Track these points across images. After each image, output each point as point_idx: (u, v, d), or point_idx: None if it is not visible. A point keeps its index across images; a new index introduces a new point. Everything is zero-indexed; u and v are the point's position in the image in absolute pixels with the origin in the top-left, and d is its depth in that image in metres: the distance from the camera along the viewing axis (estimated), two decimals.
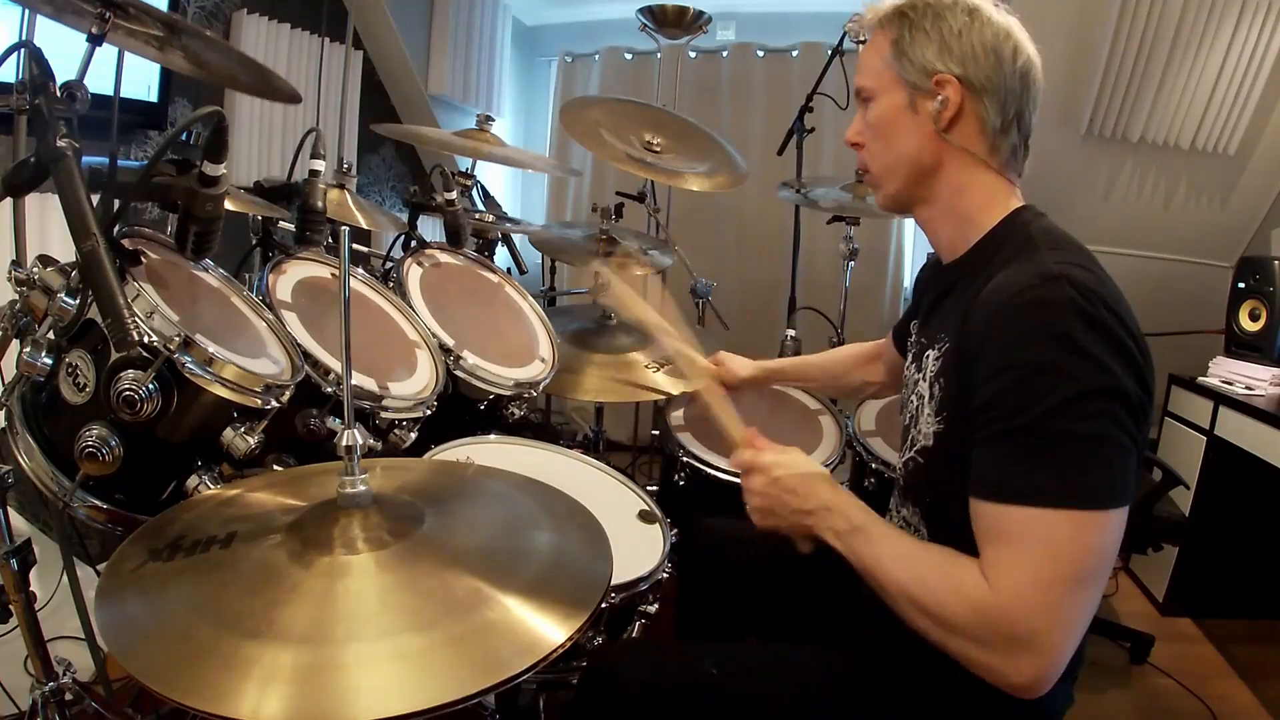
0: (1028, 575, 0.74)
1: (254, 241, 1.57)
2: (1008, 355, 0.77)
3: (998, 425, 0.77)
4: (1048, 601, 0.73)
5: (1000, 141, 0.92)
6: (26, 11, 1.20)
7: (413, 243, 1.74)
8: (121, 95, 1.54)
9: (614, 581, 0.81)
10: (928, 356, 0.94)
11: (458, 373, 1.47)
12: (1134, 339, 0.77)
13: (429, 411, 1.35)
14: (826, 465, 1.73)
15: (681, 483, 1.71)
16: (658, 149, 2.05)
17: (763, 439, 1.02)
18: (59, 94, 0.88)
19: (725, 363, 1.53)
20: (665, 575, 1.26)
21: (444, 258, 1.77)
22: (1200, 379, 2.35)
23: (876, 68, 0.95)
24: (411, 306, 1.53)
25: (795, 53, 3.24)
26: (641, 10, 2.72)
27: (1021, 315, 0.77)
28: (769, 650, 1.07)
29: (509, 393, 1.52)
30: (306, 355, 1.19)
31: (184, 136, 1.03)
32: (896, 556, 0.84)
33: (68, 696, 1.01)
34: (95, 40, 0.96)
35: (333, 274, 1.47)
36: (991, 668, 0.76)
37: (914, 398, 0.97)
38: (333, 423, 1.20)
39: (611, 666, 1.00)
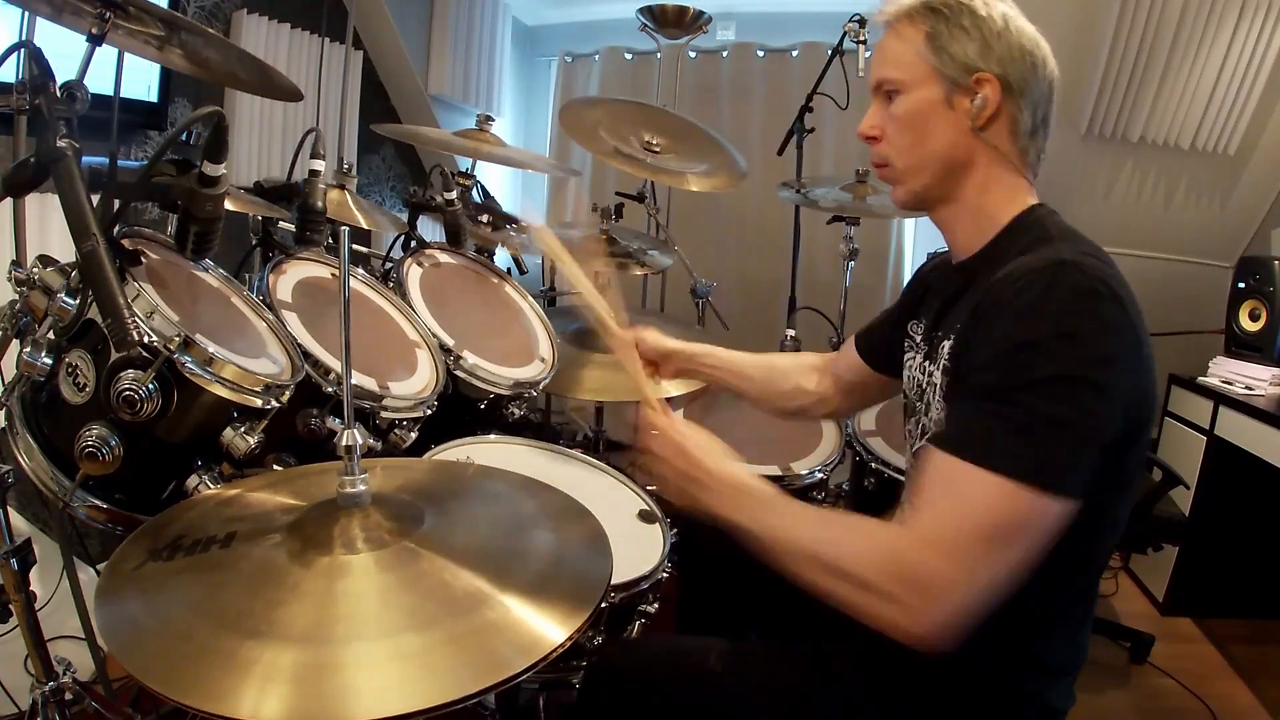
0: (946, 521, 0.74)
1: (254, 241, 1.57)
2: (1004, 327, 0.78)
3: (977, 388, 0.78)
4: (958, 549, 0.73)
5: (1029, 144, 0.93)
6: (26, 11, 1.20)
7: (413, 243, 1.74)
8: (121, 95, 1.54)
9: (614, 581, 0.82)
10: (943, 348, 0.93)
11: (458, 373, 1.47)
12: (1136, 333, 0.78)
13: (429, 411, 1.35)
14: (826, 465, 1.73)
15: None
16: (657, 149, 2.04)
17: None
18: (59, 94, 0.88)
19: (645, 338, 1.33)
20: (665, 575, 1.26)
21: (444, 258, 1.77)
22: (1200, 379, 2.35)
23: (908, 60, 0.93)
24: (411, 306, 1.53)
25: (795, 53, 3.24)
26: (641, 10, 2.72)
27: (1024, 292, 0.78)
28: (771, 646, 1.07)
29: (509, 393, 1.52)
30: (306, 355, 1.19)
31: (184, 136, 1.03)
32: (800, 519, 0.83)
33: (68, 696, 1.00)
34: (95, 40, 0.96)
35: (333, 274, 1.47)
36: (892, 619, 0.73)
37: (927, 388, 0.97)
38: (333, 423, 1.20)
39: (614, 664, 1.00)
